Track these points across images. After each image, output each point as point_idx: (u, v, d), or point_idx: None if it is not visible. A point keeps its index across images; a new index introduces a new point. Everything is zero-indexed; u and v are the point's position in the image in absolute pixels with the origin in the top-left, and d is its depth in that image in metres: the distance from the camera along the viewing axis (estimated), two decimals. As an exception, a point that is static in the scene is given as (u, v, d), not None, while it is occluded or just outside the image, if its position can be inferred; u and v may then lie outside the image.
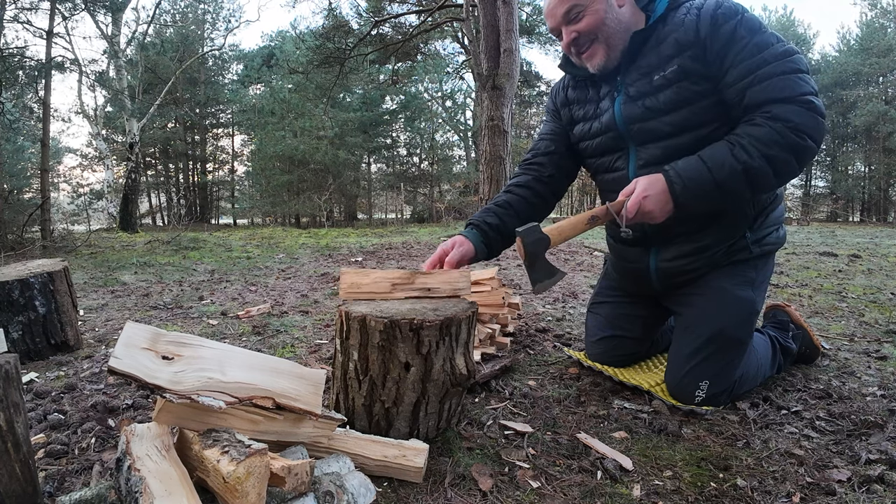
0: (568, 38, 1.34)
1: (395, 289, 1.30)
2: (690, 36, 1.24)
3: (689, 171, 1.22)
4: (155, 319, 2.56)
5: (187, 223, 11.10)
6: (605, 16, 1.29)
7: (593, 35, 1.31)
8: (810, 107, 1.17)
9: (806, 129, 1.17)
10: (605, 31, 1.31)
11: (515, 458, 1.13)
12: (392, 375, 1.14)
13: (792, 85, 1.18)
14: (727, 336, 1.34)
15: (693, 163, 1.23)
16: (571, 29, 1.32)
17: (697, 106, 1.27)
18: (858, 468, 1.07)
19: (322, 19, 17.21)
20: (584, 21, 1.30)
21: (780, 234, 1.43)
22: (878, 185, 23.80)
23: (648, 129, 1.33)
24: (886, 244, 6.23)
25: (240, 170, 27.97)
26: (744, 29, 1.21)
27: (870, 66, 22.49)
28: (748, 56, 1.20)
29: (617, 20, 1.31)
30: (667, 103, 1.29)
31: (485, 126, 8.16)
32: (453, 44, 21.32)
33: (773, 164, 1.19)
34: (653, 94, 1.31)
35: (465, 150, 26.10)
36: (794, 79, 1.19)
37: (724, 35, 1.22)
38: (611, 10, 1.30)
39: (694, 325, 1.39)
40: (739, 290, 1.36)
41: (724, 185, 1.20)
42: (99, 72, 13.41)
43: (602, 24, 1.30)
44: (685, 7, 1.29)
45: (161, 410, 0.88)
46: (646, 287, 1.53)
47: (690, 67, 1.25)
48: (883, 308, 2.57)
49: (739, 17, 1.22)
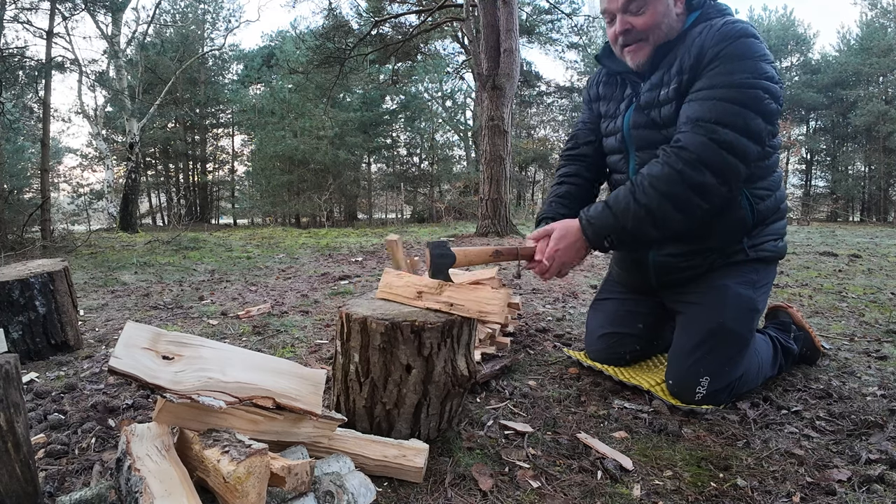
0: (621, 27, 1.32)
1: (420, 297, 1.27)
2: (693, 61, 1.26)
3: (598, 219, 1.29)
4: (155, 319, 2.56)
5: (187, 223, 11.10)
6: (662, 18, 1.29)
7: (645, 34, 1.31)
8: (720, 142, 1.16)
9: (707, 162, 1.17)
10: (656, 33, 1.31)
11: (515, 458, 1.13)
12: (393, 377, 1.14)
13: (719, 113, 1.17)
14: (728, 329, 1.35)
15: (601, 209, 1.29)
16: (627, 20, 1.31)
17: None
18: (858, 468, 1.07)
19: (322, 19, 17.21)
20: (644, 18, 1.29)
21: (780, 244, 1.45)
22: (878, 184, 23.80)
23: (646, 137, 1.39)
24: (886, 244, 6.23)
25: (240, 170, 28.00)
26: (729, 52, 1.22)
27: (870, 65, 22.48)
28: (713, 76, 1.21)
29: (668, 25, 1.31)
30: (666, 118, 1.34)
31: (485, 126, 8.15)
32: (453, 44, 21.33)
33: (673, 201, 1.21)
34: (657, 108, 1.35)
35: (465, 150, 26.12)
36: (728, 108, 1.17)
37: (712, 56, 1.23)
38: (668, 12, 1.30)
39: (694, 321, 1.41)
40: (740, 288, 1.38)
41: (630, 228, 1.25)
42: (99, 72, 13.42)
43: (656, 26, 1.30)
44: (704, 26, 1.29)
45: (161, 410, 0.88)
46: (645, 281, 1.56)
47: (686, 90, 1.29)
48: (883, 308, 2.57)
49: (732, 41, 1.22)
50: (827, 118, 26.42)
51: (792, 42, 27.35)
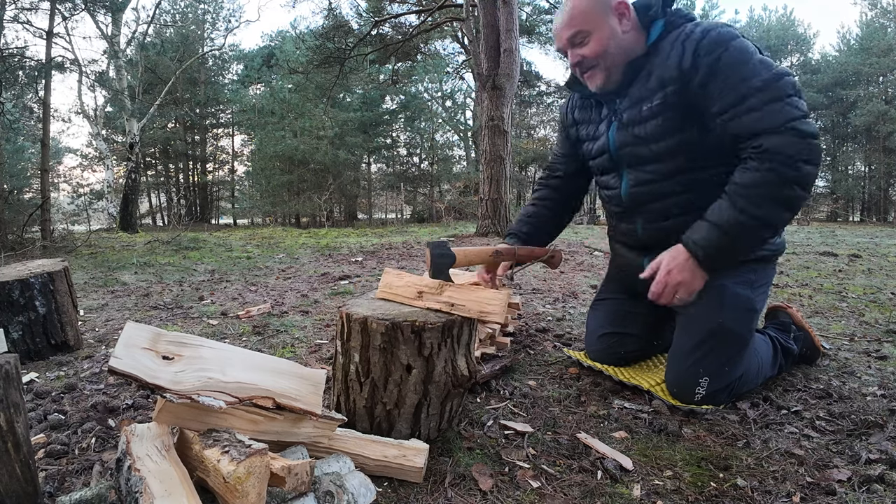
0: (573, 60, 1.40)
1: (421, 297, 1.27)
2: (673, 72, 1.27)
3: (706, 240, 1.24)
4: (155, 319, 2.56)
5: (187, 223, 11.09)
6: (608, 43, 1.33)
7: (595, 61, 1.36)
8: (799, 133, 1.16)
9: (800, 156, 1.17)
10: (606, 58, 1.35)
11: (515, 458, 1.13)
12: (394, 377, 1.14)
13: (777, 114, 1.17)
14: (726, 329, 1.35)
15: (706, 230, 1.25)
16: (576, 52, 1.37)
17: (684, 134, 1.31)
18: (859, 468, 1.07)
19: (322, 19, 17.20)
20: (589, 47, 1.34)
21: (777, 241, 1.45)
22: (878, 184, 23.81)
23: (637, 154, 1.40)
24: (886, 244, 6.23)
25: (240, 170, 28.00)
26: (728, 60, 1.21)
27: (870, 65, 22.49)
28: (730, 88, 1.21)
29: (619, 47, 1.34)
30: (653, 132, 1.35)
31: (485, 126, 8.15)
32: (453, 44, 21.34)
33: (780, 202, 1.20)
34: (642, 123, 1.36)
35: (465, 150, 26.13)
36: (780, 106, 1.18)
37: (707, 68, 1.23)
38: (614, 36, 1.33)
39: (693, 322, 1.40)
40: (738, 288, 1.38)
41: (742, 239, 1.23)
42: (99, 72, 13.41)
43: (604, 51, 1.34)
44: (676, 34, 1.30)
45: (161, 410, 0.88)
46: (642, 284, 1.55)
47: (673, 101, 1.29)
48: (883, 308, 2.57)
49: (724, 48, 1.22)
50: (827, 118, 26.42)
51: (792, 42, 27.37)
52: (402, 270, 1.39)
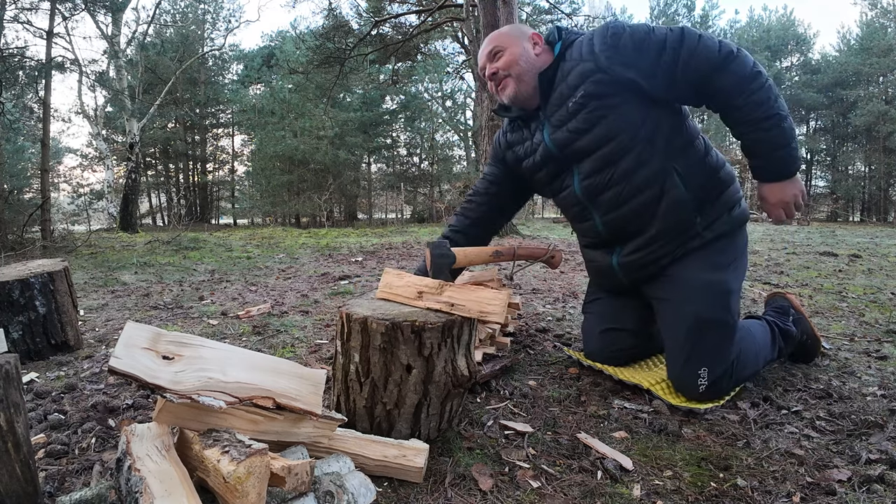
0: (489, 73, 1.56)
1: (421, 297, 1.27)
2: (590, 66, 1.40)
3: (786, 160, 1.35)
4: (155, 319, 2.56)
5: (187, 223, 11.09)
6: (519, 56, 1.51)
7: (507, 72, 1.52)
8: (734, 57, 1.29)
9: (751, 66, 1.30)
10: (516, 69, 1.51)
11: (516, 458, 1.13)
12: (394, 377, 1.14)
13: (711, 52, 1.30)
14: (704, 319, 1.38)
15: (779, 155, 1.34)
16: (493, 66, 1.55)
17: (612, 117, 1.41)
18: (859, 468, 1.07)
19: (322, 19, 17.19)
20: (502, 60, 1.52)
21: (736, 212, 1.49)
22: (878, 184, 23.79)
23: (579, 149, 1.48)
24: (886, 244, 6.23)
25: (240, 170, 27.98)
26: (637, 37, 1.35)
27: (870, 65, 22.47)
28: (656, 55, 1.33)
29: (528, 61, 1.51)
30: (584, 123, 1.43)
31: (485, 126, 8.15)
32: (453, 44, 21.29)
33: (770, 97, 1.31)
34: (571, 119, 1.45)
35: (465, 150, 26.12)
36: (707, 45, 1.31)
37: (624, 50, 1.36)
38: (525, 53, 1.52)
39: (672, 317, 1.45)
40: (705, 274, 1.42)
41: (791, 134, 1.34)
42: (99, 72, 13.40)
43: (515, 63, 1.51)
44: (577, 42, 1.46)
45: (161, 410, 0.88)
46: (616, 282, 1.63)
47: (595, 90, 1.40)
48: (883, 308, 2.57)
49: (628, 30, 1.37)
50: (827, 118, 26.42)
51: (792, 42, 27.36)
52: (402, 270, 1.39)
